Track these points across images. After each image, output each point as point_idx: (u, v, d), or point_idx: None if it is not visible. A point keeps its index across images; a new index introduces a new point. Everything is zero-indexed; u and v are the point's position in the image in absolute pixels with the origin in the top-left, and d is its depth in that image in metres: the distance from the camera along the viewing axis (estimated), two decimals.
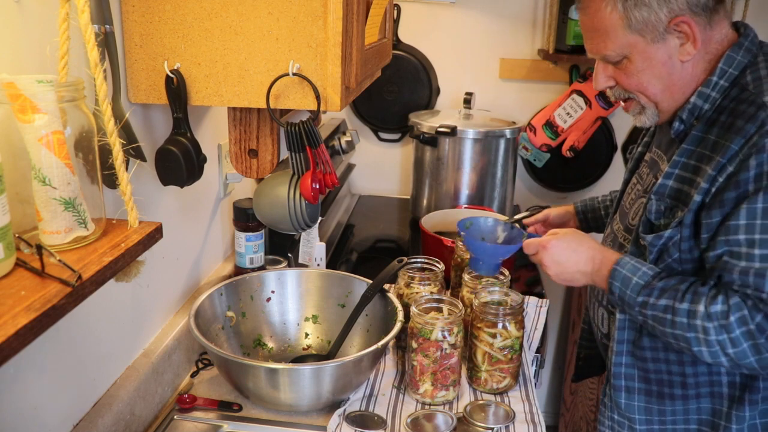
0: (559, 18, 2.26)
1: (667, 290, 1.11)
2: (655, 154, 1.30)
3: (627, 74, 1.17)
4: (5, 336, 0.61)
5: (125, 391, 1.10)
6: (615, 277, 1.17)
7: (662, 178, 1.17)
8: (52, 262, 0.74)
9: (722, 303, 1.06)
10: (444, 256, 1.58)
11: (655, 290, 1.12)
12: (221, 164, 1.52)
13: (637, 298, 1.13)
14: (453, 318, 1.23)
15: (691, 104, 1.15)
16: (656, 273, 1.14)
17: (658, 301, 1.11)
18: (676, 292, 1.10)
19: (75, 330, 0.99)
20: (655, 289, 1.12)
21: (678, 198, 1.14)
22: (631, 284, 1.14)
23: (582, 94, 2.31)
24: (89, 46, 0.82)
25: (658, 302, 1.11)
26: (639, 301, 1.13)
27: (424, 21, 2.41)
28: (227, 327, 1.34)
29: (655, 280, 1.13)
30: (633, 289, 1.14)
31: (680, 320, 1.08)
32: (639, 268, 1.15)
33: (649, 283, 1.13)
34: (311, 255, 1.66)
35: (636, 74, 1.16)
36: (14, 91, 0.73)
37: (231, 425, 1.19)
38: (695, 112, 1.15)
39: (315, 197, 1.13)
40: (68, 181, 0.78)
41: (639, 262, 1.17)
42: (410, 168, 2.33)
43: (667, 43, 1.12)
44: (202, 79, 1.04)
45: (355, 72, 1.07)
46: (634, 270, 1.15)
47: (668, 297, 1.10)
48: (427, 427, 1.18)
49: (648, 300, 1.12)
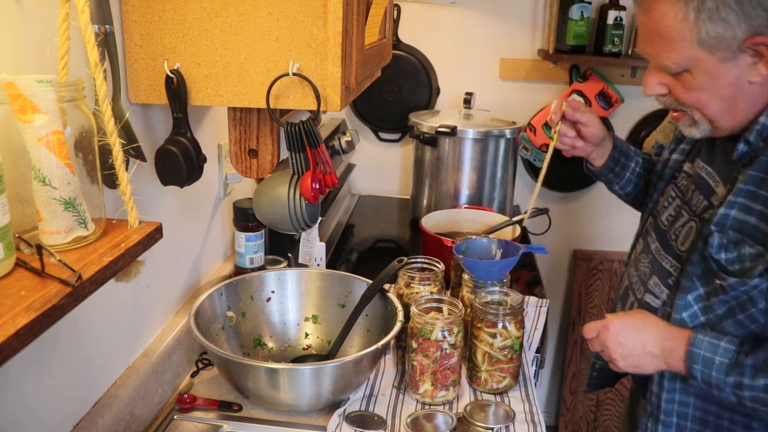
0: (559, 18, 2.27)
1: (761, 368, 1.00)
2: (704, 171, 1.17)
3: (685, 88, 1.06)
4: (5, 336, 0.61)
5: (125, 391, 1.10)
6: (694, 360, 1.05)
7: (724, 208, 1.05)
8: (52, 262, 0.74)
9: None
10: (444, 256, 1.58)
11: (747, 369, 1.01)
12: (221, 164, 1.52)
13: (728, 379, 1.02)
14: (453, 318, 1.23)
15: (761, 125, 1.03)
16: (738, 347, 1.03)
17: (754, 381, 1.01)
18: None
19: (75, 330, 0.99)
20: (746, 368, 1.01)
21: (743, 231, 1.03)
22: (714, 365, 1.03)
23: (582, 94, 2.31)
24: (89, 46, 0.82)
25: (755, 383, 1.01)
26: (731, 382, 1.02)
27: (424, 21, 2.41)
28: (227, 327, 1.34)
29: (741, 355, 1.02)
30: (718, 370, 1.03)
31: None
32: (718, 345, 1.04)
33: (737, 362, 1.02)
34: (311, 255, 1.66)
35: (696, 90, 1.04)
36: (14, 91, 0.73)
37: (231, 425, 1.19)
38: (764, 133, 1.03)
39: (315, 197, 1.13)
40: (68, 181, 0.78)
41: (715, 337, 1.05)
42: (410, 168, 2.33)
43: (738, 63, 1.00)
44: (202, 79, 1.04)
45: (355, 72, 1.07)
46: (713, 348, 1.04)
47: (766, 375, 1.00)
48: (427, 427, 1.18)
49: (742, 381, 1.02)
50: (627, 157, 1.43)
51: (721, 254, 1.04)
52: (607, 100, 2.31)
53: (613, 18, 2.20)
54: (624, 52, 2.30)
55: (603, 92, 2.30)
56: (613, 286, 2.64)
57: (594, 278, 2.64)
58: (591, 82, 2.31)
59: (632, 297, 1.27)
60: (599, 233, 2.62)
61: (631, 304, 1.27)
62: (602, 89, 2.30)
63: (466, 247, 1.49)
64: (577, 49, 2.24)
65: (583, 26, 2.22)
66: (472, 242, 1.50)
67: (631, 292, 1.28)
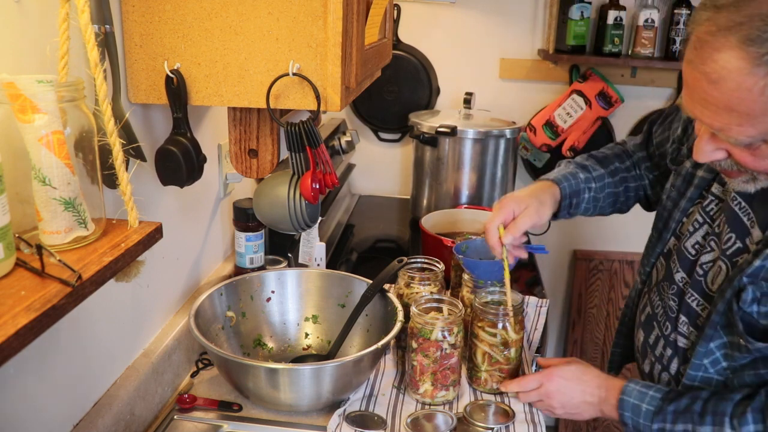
0: (559, 18, 2.27)
1: (681, 413, 1.04)
2: (737, 205, 1.07)
3: (756, 157, 0.93)
4: (5, 336, 0.61)
5: (125, 391, 1.10)
6: (624, 408, 1.10)
7: (760, 260, 0.97)
8: (52, 262, 0.74)
9: (755, 422, 0.97)
10: (444, 256, 1.58)
11: (668, 415, 1.05)
12: (221, 164, 1.52)
13: (653, 426, 1.06)
14: (453, 318, 1.23)
15: None
16: (664, 395, 1.08)
17: (675, 426, 1.04)
18: (691, 414, 1.03)
19: (75, 330, 0.99)
20: (667, 414, 1.05)
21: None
22: (642, 413, 1.08)
23: (582, 94, 2.31)
24: (89, 46, 0.82)
25: (675, 428, 1.04)
26: (655, 429, 1.06)
27: (424, 21, 2.41)
28: (227, 327, 1.34)
29: (665, 403, 1.06)
30: (645, 417, 1.07)
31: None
32: (646, 393, 1.09)
33: (660, 408, 1.06)
34: (311, 255, 1.66)
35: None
36: (14, 91, 0.73)
37: (231, 425, 1.19)
38: None
39: (315, 197, 1.13)
40: (68, 181, 0.78)
41: (645, 386, 1.10)
42: (410, 168, 2.33)
43: None
44: (202, 79, 1.04)
45: (355, 72, 1.07)
46: (641, 396, 1.09)
47: (684, 421, 1.03)
48: (427, 427, 1.18)
49: (664, 427, 1.05)
50: (577, 194, 1.32)
51: (753, 307, 1.00)
52: (607, 100, 2.31)
53: (613, 18, 2.20)
54: (624, 52, 2.30)
55: (603, 92, 2.30)
56: (613, 286, 2.64)
57: (594, 278, 2.64)
58: (591, 82, 2.31)
59: (657, 330, 1.22)
60: (599, 233, 2.62)
61: (656, 338, 1.21)
62: (602, 89, 2.30)
63: (466, 247, 1.49)
64: (577, 49, 2.24)
65: (583, 26, 2.22)
66: (472, 242, 1.50)
67: (656, 324, 1.22)
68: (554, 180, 1.30)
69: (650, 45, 2.23)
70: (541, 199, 1.25)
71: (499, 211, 1.23)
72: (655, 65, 2.24)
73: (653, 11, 2.20)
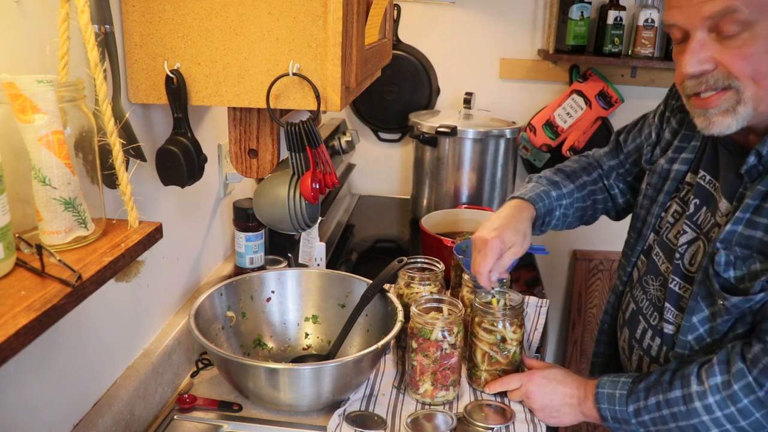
0: (559, 18, 2.27)
1: (651, 387, 1.06)
2: (709, 184, 1.12)
3: (741, 54, 0.94)
4: (5, 336, 0.61)
5: (125, 391, 1.10)
6: (600, 400, 1.12)
7: (730, 225, 1.02)
8: (52, 262, 0.74)
9: (722, 373, 0.99)
10: (444, 256, 1.58)
11: (641, 393, 1.07)
12: (221, 164, 1.52)
13: (628, 409, 1.08)
14: (453, 318, 1.23)
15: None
16: (635, 378, 1.10)
17: (647, 401, 1.06)
18: (661, 384, 1.05)
19: (75, 330, 0.99)
20: (639, 392, 1.07)
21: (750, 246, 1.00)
22: (616, 399, 1.09)
23: (582, 94, 2.32)
24: (89, 46, 0.82)
25: (648, 403, 1.06)
26: (631, 411, 1.08)
27: (424, 21, 2.41)
28: (227, 327, 1.34)
29: (636, 384, 1.09)
30: (620, 402, 1.09)
31: (678, 410, 1.03)
32: (618, 381, 1.11)
33: (632, 390, 1.08)
34: (311, 255, 1.66)
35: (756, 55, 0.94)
36: (14, 91, 0.73)
37: (231, 425, 1.19)
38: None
39: (315, 197, 1.13)
40: (68, 181, 0.78)
41: (617, 375, 1.13)
42: (410, 168, 2.33)
43: None
44: (202, 79, 1.04)
45: (355, 72, 1.07)
46: (614, 384, 1.11)
47: (655, 393, 1.05)
48: (427, 427, 1.18)
49: (638, 405, 1.07)
50: (550, 213, 1.34)
51: (729, 272, 1.02)
52: (607, 100, 2.31)
53: (613, 18, 2.20)
54: (624, 52, 2.30)
55: (603, 92, 2.31)
56: None
57: (594, 278, 2.64)
58: (591, 82, 2.31)
59: (644, 322, 1.21)
60: (599, 233, 2.61)
61: (643, 330, 1.21)
62: (602, 89, 2.31)
63: (466, 247, 1.49)
64: (577, 49, 2.24)
65: (583, 26, 2.22)
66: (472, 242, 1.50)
67: (642, 318, 1.22)
68: (530, 200, 1.31)
69: (650, 45, 2.23)
70: (525, 232, 1.26)
71: (487, 254, 1.22)
72: (655, 65, 2.24)
73: (653, 11, 2.20)
